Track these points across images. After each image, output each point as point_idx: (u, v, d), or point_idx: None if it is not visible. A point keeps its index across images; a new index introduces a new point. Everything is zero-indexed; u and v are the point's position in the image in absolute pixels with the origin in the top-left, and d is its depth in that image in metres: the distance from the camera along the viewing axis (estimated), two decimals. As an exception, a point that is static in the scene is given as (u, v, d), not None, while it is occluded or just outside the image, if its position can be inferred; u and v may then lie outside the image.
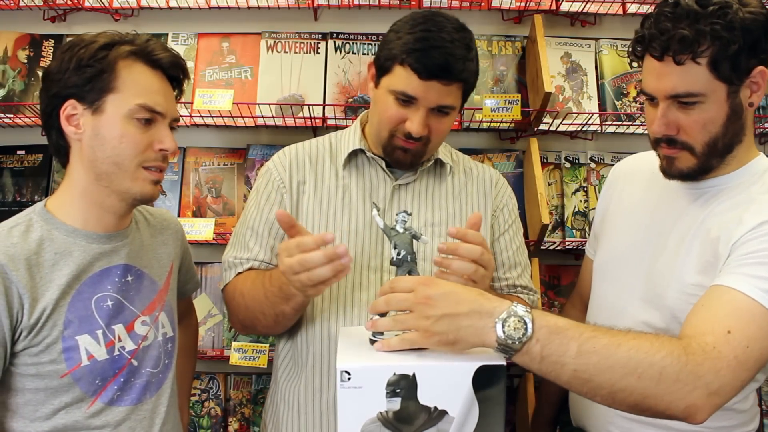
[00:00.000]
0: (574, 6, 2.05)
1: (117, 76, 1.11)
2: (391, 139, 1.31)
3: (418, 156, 1.34)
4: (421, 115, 1.26)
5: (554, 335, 0.95)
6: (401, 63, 1.25)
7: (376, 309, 1.02)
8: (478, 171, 1.49)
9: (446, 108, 1.28)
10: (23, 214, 1.15)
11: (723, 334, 0.98)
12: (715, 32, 1.06)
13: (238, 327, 1.44)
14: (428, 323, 0.95)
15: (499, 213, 1.46)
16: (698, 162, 1.16)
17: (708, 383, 0.94)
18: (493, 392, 0.93)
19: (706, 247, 1.14)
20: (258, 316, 1.29)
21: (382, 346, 0.99)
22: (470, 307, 0.96)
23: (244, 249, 1.38)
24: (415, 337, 0.97)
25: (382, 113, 1.31)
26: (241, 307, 1.33)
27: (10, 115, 2.00)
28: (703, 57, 1.08)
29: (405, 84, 1.25)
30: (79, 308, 1.12)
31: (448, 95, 1.27)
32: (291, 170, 1.40)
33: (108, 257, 1.17)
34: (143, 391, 1.19)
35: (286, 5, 2.04)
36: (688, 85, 1.10)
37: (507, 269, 1.45)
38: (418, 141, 1.30)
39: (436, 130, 1.31)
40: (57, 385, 1.09)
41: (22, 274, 1.06)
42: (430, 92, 1.25)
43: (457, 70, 1.24)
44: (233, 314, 1.39)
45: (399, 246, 1.06)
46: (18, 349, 1.07)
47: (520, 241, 1.50)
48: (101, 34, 1.14)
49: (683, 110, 1.12)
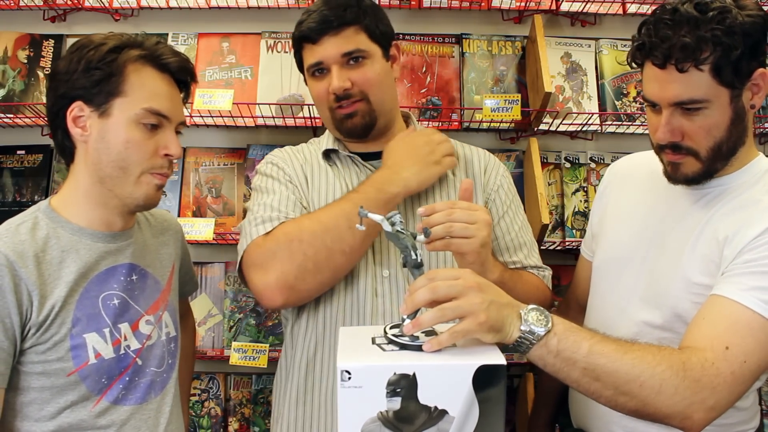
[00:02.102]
0: (574, 6, 2.05)
1: (125, 79, 1.11)
2: (332, 113, 1.34)
3: (366, 116, 1.34)
4: (335, 71, 1.30)
5: (569, 332, 0.99)
6: (301, 45, 1.34)
7: (416, 302, 0.95)
8: (465, 156, 1.45)
9: (353, 53, 1.31)
10: (28, 212, 1.15)
11: (721, 350, 1.02)
12: (717, 38, 1.06)
13: (280, 284, 1.23)
14: (483, 307, 0.94)
15: (495, 195, 1.42)
16: (703, 167, 1.16)
17: (704, 399, 0.99)
18: (493, 392, 0.92)
19: (713, 248, 1.15)
20: (343, 235, 1.21)
21: (431, 346, 0.94)
22: (507, 298, 1.00)
23: (270, 209, 1.30)
24: (467, 326, 0.94)
25: (314, 97, 1.38)
26: (305, 245, 1.21)
27: (10, 115, 2.00)
28: (705, 64, 1.07)
29: (309, 56, 1.33)
30: (87, 306, 1.12)
31: (347, 41, 1.30)
32: (294, 165, 1.40)
33: (114, 256, 1.17)
34: (148, 391, 1.19)
35: (286, 5, 2.04)
36: (691, 92, 1.10)
37: (513, 252, 1.42)
38: (352, 101, 1.31)
39: (361, 81, 1.32)
40: (63, 384, 1.09)
41: (30, 270, 1.06)
42: (328, 48, 1.30)
43: (339, 15, 1.29)
44: (284, 265, 1.22)
45: (412, 247, 1.04)
46: (26, 346, 1.07)
47: (522, 220, 1.46)
48: (110, 36, 1.14)
49: (687, 117, 1.12)
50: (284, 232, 1.25)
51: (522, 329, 0.97)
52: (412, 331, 0.97)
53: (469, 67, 2.08)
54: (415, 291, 0.97)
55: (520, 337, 0.97)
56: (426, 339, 0.98)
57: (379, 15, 1.37)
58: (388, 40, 1.37)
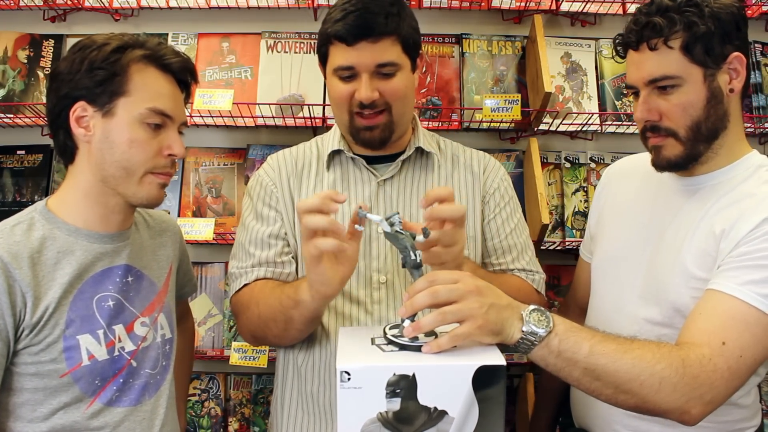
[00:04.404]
0: (574, 6, 2.05)
1: (129, 79, 1.11)
2: (352, 120, 1.30)
3: (385, 129, 1.31)
4: (365, 80, 1.26)
5: (570, 332, 1.00)
6: (331, 41, 1.27)
7: (415, 306, 0.96)
8: (465, 158, 1.44)
9: (387, 65, 1.27)
10: (25, 212, 1.15)
11: (718, 345, 1.04)
12: (685, 17, 1.13)
13: (247, 338, 1.39)
14: (483, 311, 0.96)
15: (490, 198, 1.41)
16: (684, 149, 1.19)
17: (702, 394, 1.02)
18: (493, 392, 0.93)
19: (710, 242, 1.15)
20: (269, 324, 1.26)
21: (431, 348, 0.95)
22: (507, 300, 1.01)
23: (247, 257, 1.35)
24: (467, 329, 0.95)
25: (334, 98, 1.32)
26: (253, 316, 1.29)
27: (10, 115, 2.00)
28: (674, 40, 1.14)
29: (339, 57, 1.27)
30: (81, 307, 1.12)
31: (383, 52, 1.25)
32: (281, 177, 1.39)
33: (110, 257, 1.17)
34: (142, 392, 1.19)
35: (286, 5, 2.04)
36: (663, 68, 1.16)
37: (500, 254, 1.40)
38: (375, 111, 1.28)
39: (389, 93, 1.28)
40: (56, 385, 1.09)
41: (25, 271, 1.06)
42: (363, 55, 1.25)
43: (380, 24, 1.24)
44: (244, 325, 1.34)
45: (411, 247, 1.04)
46: (19, 347, 1.07)
47: (516, 224, 1.43)
48: (113, 37, 1.14)
49: (663, 96, 1.17)
50: (250, 296, 1.32)
51: (523, 330, 0.98)
52: (412, 334, 0.98)
53: (469, 67, 2.08)
54: (414, 294, 0.97)
55: (521, 338, 0.98)
56: (426, 339, 0.98)
57: (414, 24, 1.32)
58: (417, 51, 1.34)
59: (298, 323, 1.22)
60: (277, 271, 1.33)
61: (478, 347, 0.98)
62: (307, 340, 1.32)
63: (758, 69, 2.12)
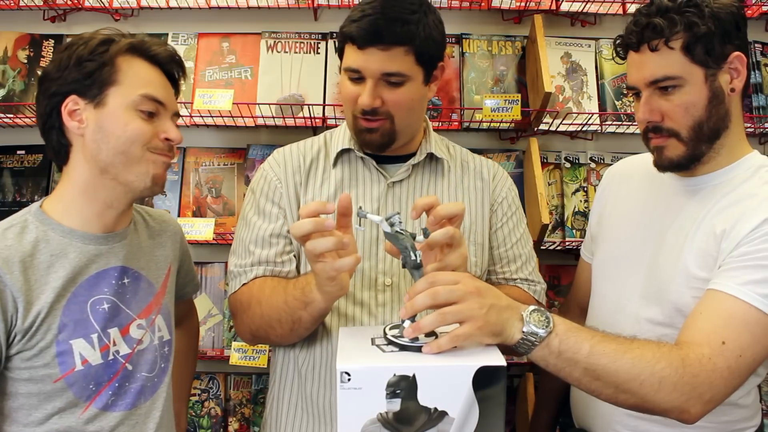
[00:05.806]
0: (574, 6, 2.05)
1: (117, 69, 1.11)
2: (355, 121, 1.30)
3: (386, 135, 1.29)
4: (369, 87, 1.24)
5: (570, 332, 1.01)
6: (346, 41, 1.26)
7: (416, 307, 0.96)
8: (475, 164, 1.45)
9: (393, 75, 1.24)
10: (18, 215, 1.14)
11: (718, 345, 1.04)
12: (686, 18, 1.14)
13: (246, 337, 1.36)
14: (483, 312, 0.96)
15: (498, 207, 1.42)
16: (687, 149, 1.19)
17: (702, 393, 1.03)
18: (493, 392, 0.93)
19: (711, 242, 1.16)
20: (273, 324, 1.25)
21: (431, 349, 0.95)
22: (508, 300, 1.01)
23: (247, 254, 1.34)
24: (467, 330, 0.95)
25: (343, 96, 1.31)
26: (255, 316, 1.28)
27: (10, 115, 2.00)
28: (675, 41, 1.14)
29: (350, 58, 1.25)
30: (75, 312, 1.10)
31: (391, 61, 1.22)
32: (287, 172, 1.38)
33: (105, 258, 1.16)
34: (138, 396, 1.18)
35: (286, 5, 2.04)
36: (664, 69, 1.16)
37: (505, 264, 1.42)
38: (377, 117, 1.27)
39: (392, 103, 1.26)
40: (50, 390, 1.08)
41: (16, 276, 1.05)
42: (371, 60, 1.22)
43: (393, 32, 1.20)
44: (243, 323, 1.32)
45: (411, 248, 1.04)
46: (12, 353, 1.06)
47: (521, 234, 1.44)
48: (98, 32, 1.15)
49: (665, 96, 1.18)
50: (250, 294, 1.30)
51: (524, 331, 0.98)
52: (412, 335, 0.98)
53: (469, 67, 2.08)
54: (414, 295, 0.97)
55: (522, 339, 0.98)
56: (426, 340, 0.98)
57: (435, 34, 1.27)
58: (434, 63, 1.30)
59: (306, 323, 1.22)
60: (276, 269, 1.32)
61: (478, 348, 0.98)
62: (307, 341, 1.32)
63: (758, 69, 2.12)
